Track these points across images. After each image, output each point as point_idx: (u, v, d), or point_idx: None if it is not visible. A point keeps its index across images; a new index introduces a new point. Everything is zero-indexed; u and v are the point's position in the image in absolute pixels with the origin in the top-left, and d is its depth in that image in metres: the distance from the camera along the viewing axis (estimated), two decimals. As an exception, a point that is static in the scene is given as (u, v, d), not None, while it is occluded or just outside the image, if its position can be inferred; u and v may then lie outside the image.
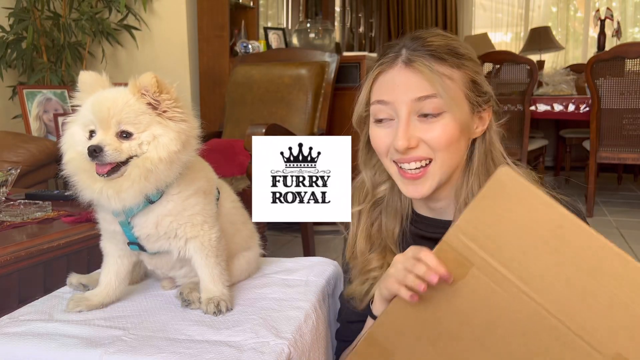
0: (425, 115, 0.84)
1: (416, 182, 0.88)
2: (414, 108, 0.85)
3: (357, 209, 0.99)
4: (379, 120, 0.90)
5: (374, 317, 0.87)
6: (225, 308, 0.90)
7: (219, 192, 1.00)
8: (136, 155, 0.83)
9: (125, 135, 0.83)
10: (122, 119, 0.83)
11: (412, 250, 0.76)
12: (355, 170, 1.01)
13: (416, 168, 0.87)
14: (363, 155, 1.00)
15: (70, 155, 0.87)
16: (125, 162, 0.83)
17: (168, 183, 0.87)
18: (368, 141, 0.96)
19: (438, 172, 0.87)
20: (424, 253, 0.73)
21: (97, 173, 0.82)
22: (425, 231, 0.96)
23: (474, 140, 0.91)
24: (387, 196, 0.98)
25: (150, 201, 0.87)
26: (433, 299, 0.73)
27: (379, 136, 0.90)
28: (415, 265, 0.73)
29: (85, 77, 0.88)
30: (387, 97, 0.87)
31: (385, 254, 0.95)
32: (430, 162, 0.87)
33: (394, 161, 0.89)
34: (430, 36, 0.88)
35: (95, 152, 0.80)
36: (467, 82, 0.87)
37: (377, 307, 0.87)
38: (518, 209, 0.67)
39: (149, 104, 0.85)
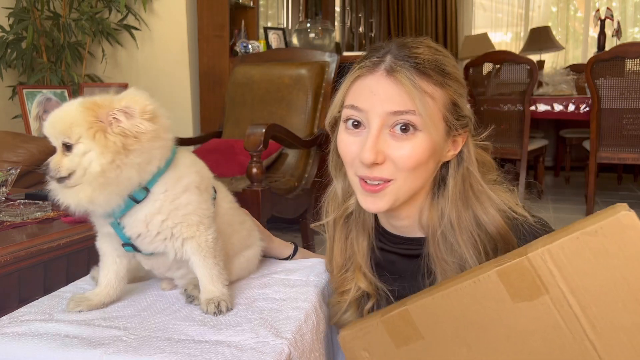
0: (400, 131, 0.80)
1: (375, 195, 0.83)
2: (388, 121, 0.80)
3: (331, 218, 0.98)
4: (349, 125, 0.84)
5: None
6: (225, 308, 0.90)
7: (215, 192, 0.98)
8: (78, 169, 0.82)
9: (67, 147, 0.83)
10: (68, 135, 0.83)
11: None
12: (326, 176, 1.00)
13: (376, 182, 0.83)
14: (333, 160, 0.96)
15: None
16: (68, 176, 0.83)
17: (135, 184, 0.84)
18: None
19: (398, 191, 0.83)
20: None
21: None
22: (391, 246, 0.94)
23: (446, 163, 0.87)
24: (356, 209, 0.95)
25: (135, 200, 0.86)
26: (488, 308, 0.69)
27: (345, 143, 0.85)
28: None
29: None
30: (362, 104, 0.81)
31: (355, 274, 0.94)
32: (390, 181, 0.83)
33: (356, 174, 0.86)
34: (419, 47, 0.82)
35: (46, 171, 0.83)
36: (448, 103, 0.82)
37: None
38: (625, 258, 0.61)
39: (97, 117, 0.83)
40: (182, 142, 2.71)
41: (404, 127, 0.79)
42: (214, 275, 0.93)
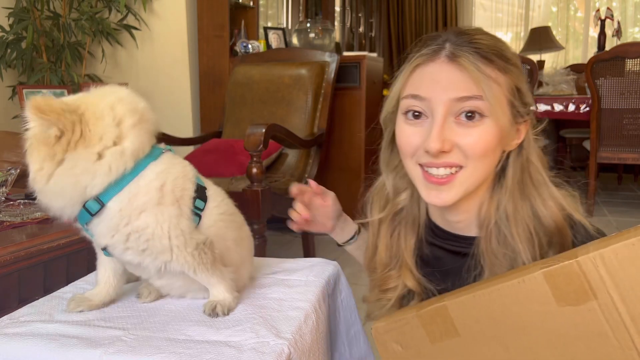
0: (466, 118, 0.76)
1: (441, 188, 0.79)
2: (453, 109, 0.76)
3: (377, 217, 0.93)
4: (409, 116, 0.80)
5: None
6: (222, 312, 0.89)
7: (205, 201, 0.91)
8: None
9: None
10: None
11: None
12: (369, 172, 0.97)
13: (444, 174, 0.79)
14: (385, 156, 0.92)
15: None
16: None
17: (78, 195, 0.80)
18: (392, 140, 0.89)
19: (466, 181, 0.79)
20: None
21: None
22: (440, 241, 0.90)
23: (507, 154, 0.83)
24: (407, 205, 0.92)
25: (88, 212, 0.81)
26: (531, 310, 0.67)
27: (406, 134, 0.81)
28: None
29: None
30: (424, 92, 0.78)
31: (400, 272, 0.91)
32: (460, 169, 0.78)
33: (419, 164, 0.81)
34: (477, 34, 0.79)
35: None
36: (512, 88, 0.79)
37: None
38: None
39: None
40: (182, 142, 2.71)
41: (469, 114, 0.76)
42: (213, 283, 0.91)
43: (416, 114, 0.80)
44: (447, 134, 0.76)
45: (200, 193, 0.90)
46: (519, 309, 0.68)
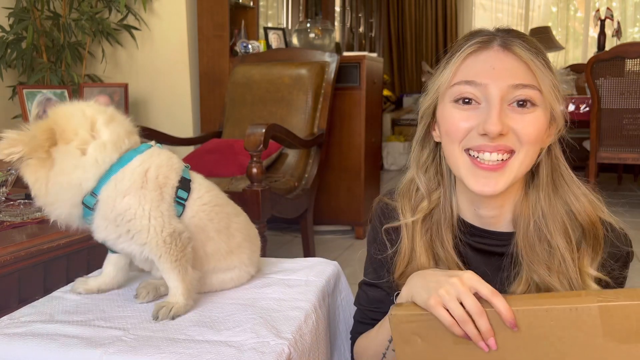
0: (518, 105, 0.77)
1: (492, 175, 0.78)
2: (507, 95, 0.77)
3: (411, 220, 0.89)
4: (460, 102, 0.80)
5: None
6: (163, 316, 0.89)
7: (188, 192, 0.96)
8: None
9: None
10: None
11: (481, 286, 0.71)
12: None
13: (497, 160, 0.78)
14: (416, 153, 0.91)
15: None
16: None
17: (71, 194, 0.88)
18: (424, 137, 0.89)
19: (517, 167, 0.79)
20: (500, 302, 0.69)
21: None
22: (472, 241, 0.88)
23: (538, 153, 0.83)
24: (440, 204, 0.89)
25: (88, 207, 0.89)
26: (575, 337, 0.68)
27: (456, 118, 0.80)
28: (480, 316, 0.70)
29: None
30: (480, 78, 0.78)
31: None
32: (511, 156, 0.78)
33: (465, 151, 0.80)
34: (521, 33, 0.82)
35: None
36: (555, 85, 0.80)
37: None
38: None
39: None
40: (182, 142, 2.71)
41: (521, 102, 0.77)
42: (172, 279, 0.92)
43: (466, 100, 0.79)
44: (504, 119, 0.77)
45: (184, 184, 0.96)
46: (562, 333, 0.68)
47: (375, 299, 0.95)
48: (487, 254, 0.87)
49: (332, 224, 3.18)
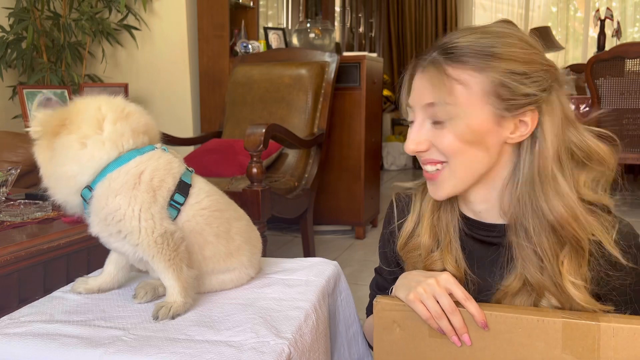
0: (434, 123, 0.83)
1: (433, 183, 0.87)
2: (427, 113, 0.83)
3: (421, 184, 0.96)
4: (411, 122, 0.89)
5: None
6: (163, 316, 0.88)
7: (186, 197, 0.95)
8: None
9: None
10: None
11: (455, 289, 0.79)
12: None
13: (432, 170, 0.85)
14: None
15: None
16: None
17: (68, 184, 0.90)
18: None
19: (451, 177, 0.84)
20: (472, 304, 0.77)
21: None
22: (471, 232, 0.91)
23: (519, 145, 0.83)
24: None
25: (84, 199, 0.91)
26: (535, 347, 0.75)
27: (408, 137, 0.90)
28: (453, 314, 0.78)
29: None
30: (410, 100, 0.87)
31: (442, 255, 0.91)
32: (445, 165, 0.84)
33: None
34: (465, 35, 0.82)
35: None
36: (493, 84, 0.79)
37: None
38: None
39: None
40: (182, 142, 2.71)
41: (435, 121, 0.82)
42: (167, 278, 0.91)
43: (411, 121, 0.87)
44: (425, 135, 0.84)
45: (182, 188, 0.95)
46: (526, 341, 0.75)
47: (382, 286, 1.04)
48: (485, 244, 0.90)
49: (332, 224, 3.18)
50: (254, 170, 1.96)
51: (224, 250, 1.00)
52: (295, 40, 3.56)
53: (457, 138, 0.81)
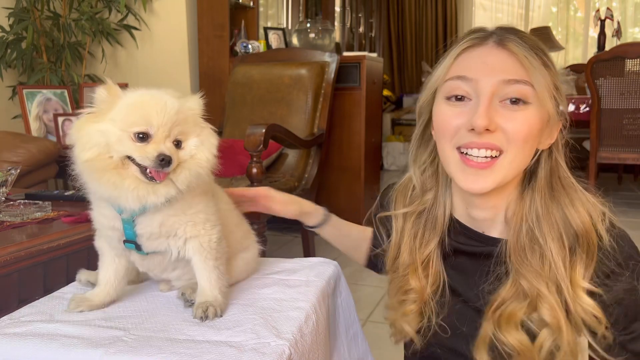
0: (511, 102, 0.76)
1: (480, 173, 0.78)
2: (499, 91, 0.76)
3: (402, 212, 0.91)
4: (452, 98, 0.79)
5: None
6: (213, 314, 0.88)
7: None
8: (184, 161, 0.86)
9: (177, 143, 0.84)
10: (182, 129, 0.85)
11: None
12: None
13: (485, 157, 0.77)
14: (414, 149, 0.92)
15: (95, 153, 0.81)
16: None
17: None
18: (423, 133, 0.89)
19: (506, 167, 0.78)
20: None
21: (152, 178, 0.81)
22: (463, 244, 0.88)
23: (538, 155, 0.82)
24: (432, 206, 0.90)
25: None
26: None
27: (447, 114, 0.80)
28: None
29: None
30: (472, 73, 0.77)
31: (408, 270, 0.90)
32: (500, 154, 0.77)
33: (457, 148, 0.80)
34: (520, 31, 0.80)
35: (163, 161, 0.80)
36: (553, 85, 0.78)
37: None
38: None
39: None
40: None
41: (514, 100, 0.76)
42: (212, 279, 0.91)
43: (459, 97, 0.79)
44: (493, 115, 0.75)
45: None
46: None
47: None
48: (475, 256, 0.87)
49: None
50: (254, 170, 1.96)
51: (241, 234, 1.06)
52: (295, 41, 3.56)
53: (531, 124, 0.76)
